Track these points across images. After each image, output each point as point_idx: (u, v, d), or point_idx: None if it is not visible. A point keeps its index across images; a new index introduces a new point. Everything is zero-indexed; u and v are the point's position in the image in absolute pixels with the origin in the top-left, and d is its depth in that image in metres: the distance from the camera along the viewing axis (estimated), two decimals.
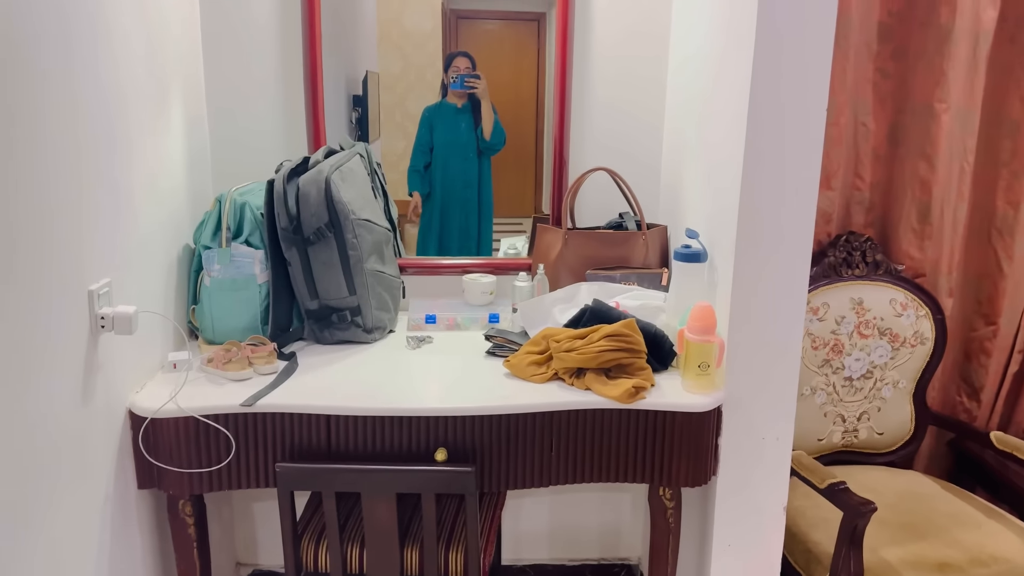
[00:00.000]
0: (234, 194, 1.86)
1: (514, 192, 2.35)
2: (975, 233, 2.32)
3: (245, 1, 2.05)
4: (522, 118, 2.28)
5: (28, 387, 1.22)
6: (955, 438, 2.42)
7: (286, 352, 1.83)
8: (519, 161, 2.32)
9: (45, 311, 1.26)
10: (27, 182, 1.20)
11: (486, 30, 2.24)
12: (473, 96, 2.21)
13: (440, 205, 2.28)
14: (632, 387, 1.61)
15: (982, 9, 2.13)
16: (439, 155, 2.25)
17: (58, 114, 1.29)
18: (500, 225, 2.34)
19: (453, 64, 2.18)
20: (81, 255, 1.38)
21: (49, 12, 1.27)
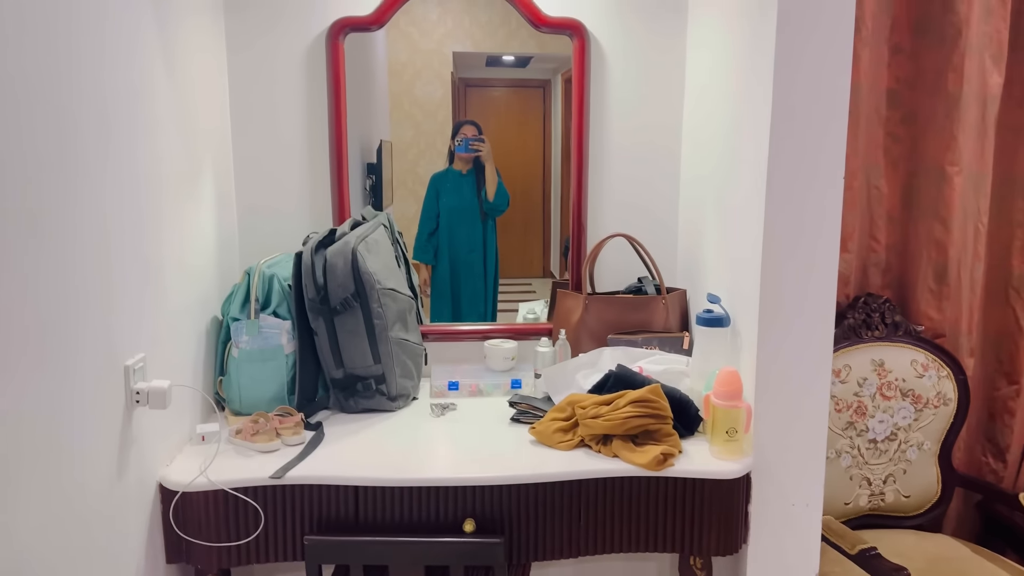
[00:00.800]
0: (263, 266, 1.90)
1: (522, 253, 2.39)
2: (992, 293, 2.33)
3: (271, 81, 2.11)
4: (529, 181, 2.34)
5: (66, 465, 1.23)
6: (983, 500, 2.39)
7: (312, 422, 1.84)
8: (527, 223, 2.37)
9: (83, 388, 1.28)
10: (65, 264, 1.23)
11: (493, 97, 2.31)
12: (478, 161, 2.26)
13: (448, 270, 2.31)
14: (660, 454, 1.61)
15: (988, 75, 2.18)
16: (445, 220, 2.29)
17: (96, 198, 1.33)
18: (509, 285, 2.37)
19: (460, 131, 2.24)
20: (118, 332, 1.40)
21: (92, 101, 1.32)
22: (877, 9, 2.16)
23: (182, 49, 1.74)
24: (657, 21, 2.19)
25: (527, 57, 2.25)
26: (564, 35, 2.15)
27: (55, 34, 1.20)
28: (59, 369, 1.21)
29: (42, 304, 1.16)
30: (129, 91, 1.46)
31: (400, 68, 2.21)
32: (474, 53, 2.23)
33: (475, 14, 2.19)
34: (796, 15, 1.56)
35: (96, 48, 1.34)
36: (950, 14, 2.15)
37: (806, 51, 1.57)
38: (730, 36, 1.85)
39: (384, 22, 2.09)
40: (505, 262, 2.35)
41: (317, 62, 2.11)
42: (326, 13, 2.09)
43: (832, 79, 1.59)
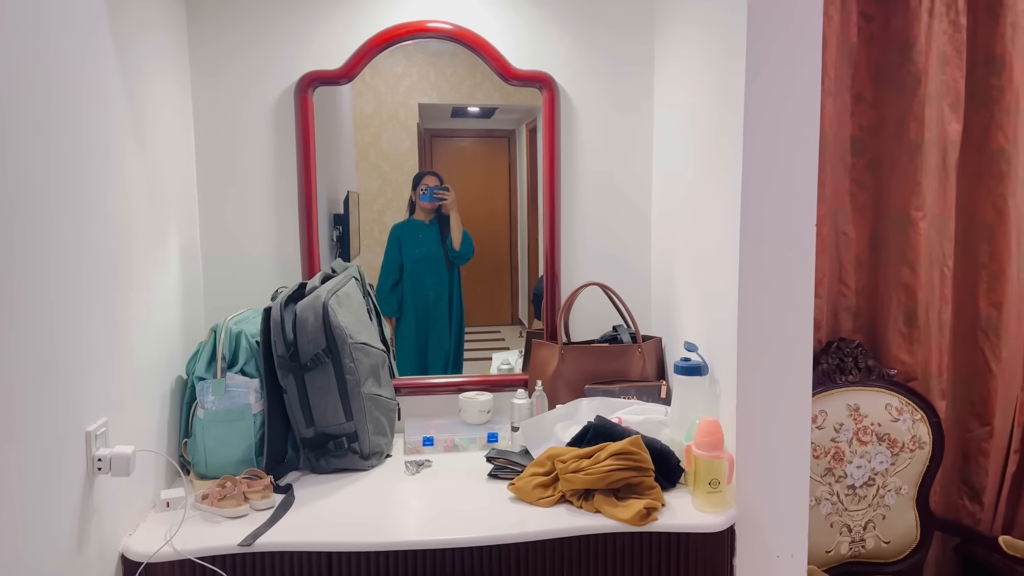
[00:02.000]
0: (229, 323, 1.85)
1: (490, 301, 2.38)
2: (961, 335, 2.36)
3: (238, 135, 2.09)
4: (496, 229, 2.33)
5: (23, 538, 1.16)
6: (961, 543, 2.38)
7: (282, 484, 1.77)
8: (495, 271, 2.35)
9: (43, 457, 1.21)
10: (32, 328, 1.18)
11: (459, 147, 2.31)
12: (439, 211, 2.24)
13: (414, 321, 2.28)
14: (644, 508, 1.57)
15: (947, 122, 2.24)
16: (409, 271, 2.26)
17: (64, 258, 1.28)
18: (477, 334, 2.34)
19: (422, 182, 2.23)
20: (79, 396, 1.34)
21: (64, 161, 1.28)
22: (839, 59, 2.21)
23: (149, 105, 1.71)
24: (625, 72, 2.22)
25: (492, 108, 2.26)
26: (533, 87, 2.16)
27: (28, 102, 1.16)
28: (14, 438, 1.14)
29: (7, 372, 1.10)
30: (97, 146, 1.42)
31: (366, 120, 2.20)
32: (439, 105, 2.23)
33: (440, 67, 2.19)
34: (763, 66, 1.58)
35: (70, 112, 1.31)
36: (909, 64, 2.21)
37: (774, 102, 1.60)
38: (698, 87, 1.87)
39: (353, 76, 2.08)
40: (473, 311, 2.33)
41: (285, 116, 2.09)
42: (294, 67, 2.07)
43: (800, 128, 1.61)
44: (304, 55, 2.08)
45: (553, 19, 2.18)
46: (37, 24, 1.22)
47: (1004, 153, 2.26)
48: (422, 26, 2.09)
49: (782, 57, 1.59)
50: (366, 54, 2.07)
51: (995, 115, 2.26)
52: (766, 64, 1.58)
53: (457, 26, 2.10)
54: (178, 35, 1.96)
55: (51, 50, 1.27)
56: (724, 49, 1.69)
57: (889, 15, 2.23)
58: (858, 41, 2.24)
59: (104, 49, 1.48)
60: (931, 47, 2.19)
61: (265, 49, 2.07)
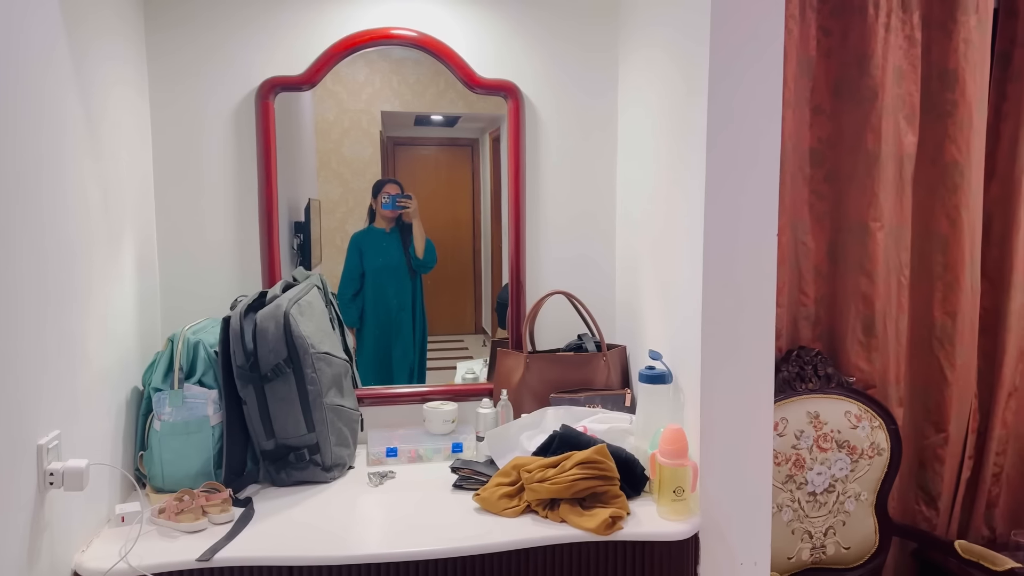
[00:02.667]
0: (187, 333, 1.80)
1: (453, 310, 2.36)
2: (917, 344, 2.41)
3: (197, 141, 2.05)
4: (459, 238, 2.32)
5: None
6: (918, 548, 2.43)
7: (241, 498, 1.73)
8: (458, 280, 2.34)
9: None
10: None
11: (422, 156, 2.29)
12: (401, 219, 2.22)
13: (375, 331, 2.25)
14: (609, 517, 1.57)
15: (903, 135, 2.29)
16: (371, 280, 2.24)
17: (14, 267, 1.24)
18: (440, 343, 2.32)
19: (384, 190, 2.21)
20: (30, 408, 1.29)
21: (15, 169, 1.24)
22: (798, 72, 2.24)
23: (106, 114, 1.67)
24: (589, 81, 2.23)
25: (455, 117, 2.26)
26: (498, 96, 2.16)
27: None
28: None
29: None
30: (53, 156, 1.38)
31: (328, 127, 2.18)
32: (402, 113, 2.22)
33: (403, 74, 2.18)
34: (725, 78, 1.60)
35: (28, 115, 1.28)
36: (866, 77, 2.25)
37: (736, 112, 1.61)
38: (661, 103, 1.88)
39: (316, 82, 2.06)
40: (436, 320, 2.31)
41: (246, 122, 2.06)
42: (256, 73, 2.04)
43: (761, 143, 1.63)
44: (266, 61, 2.05)
45: (519, 31, 2.18)
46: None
47: (958, 166, 2.31)
48: (386, 33, 2.07)
49: (743, 69, 1.61)
50: (329, 60, 2.05)
51: (949, 128, 2.32)
52: (728, 80, 1.60)
53: (422, 33, 2.09)
54: (136, 44, 1.92)
55: (4, 58, 1.23)
56: (685, 67, 1.71)
57: (847, 29, 2.27)
58: (817, 55, 2.28)
59: (60, 59, 1.44)
60: (887, 61, 2.24)
61: (226, 55, 2.03)
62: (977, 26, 2.27)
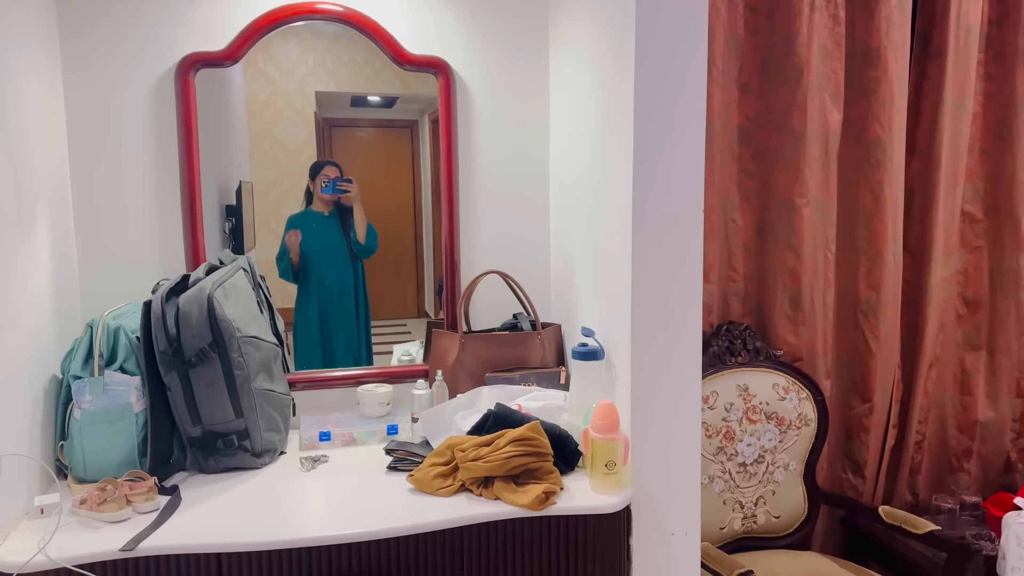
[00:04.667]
0: (107, 318, 1.74)
1: (395, 294, 2.33)
2: (843, 317, 2.48)
3: (115, 120, 1.97)
4: (400, 221, 2.29)
5: None
6: (846, 515, 2.51)
7: (167, 486, 1.69)
8: (399, 263, 2.31)
9: None
10: None
11: (360, 138, 2.25)
12: (339, 202, 2.19)
13: (317, 314, 2.21)
14: (543, 493, 1.57)
15: (828, 113, 2.34)
16: (312, 264, 2.20)
17: None
18: (382, 327, 2.30)
19: (322, 172, 2.16)
20: None
21: None
22: (726, 51, 2.27)
23: (11, 90, 1.59)
24: (520, 59, 2.21)
25: (393, 98, 2.22)
26: (428, 73, 2.13)
27: None
28: None
29: None
30: None
31: (260, 108, 2.12)
32: (338, 93, 2.17)
33: (338, 54, 2.13)
34: (651, 60, 1.61)
35: None
36: (792, 56, 2.29)
37: (662, 94, 1.62)
38: (590, 76, 1.88)
39: (238, 58, 2.00)
40: (378, 304, 2.28)
41: (166, 100, 1.99)
42: (175, 48, 1.97)
43: (688, 118, 1.64)
44: (184, 37, 1.98)
45: (450, 6, 2.15)
46: None
47: (880, 143, 2.37)
48: (311, 7, 2.02)
49: (669, 49, 1.61)
50: (252, 35, 1.99)
51: (872, 106, 2.38)
52: (654, 60, 1.61)
53: (348, 8, 2.05)
54: (47, 22, 1.83)
55: None
56: (613, 45, 1.71)
57: (773, 8, 2.31)
58: (744, 33, 2.31)
59: None
60: (812, 39, 2.28)
61: (142, 31, 1.96)
62: (898, 5, 2.33)
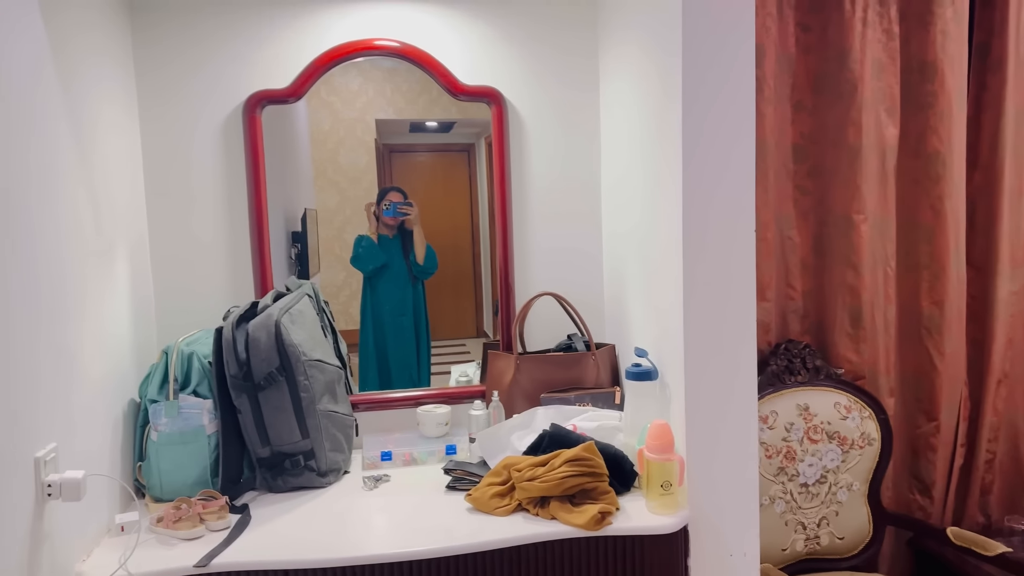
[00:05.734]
0: (181, 344, 1.84)
1: (454, 315, 2.38)
2: (906, 334, 2.44)
3: (187, 156, 2.08)
4: (458, 243, 2.34)
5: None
6: (913, 537, 2.45)
7: (238, 505, 1.77)
8: (457, 285, 2.36)
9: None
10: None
11: (418, 162, 2.32)
12: (403, 226, 2.25)
13: (375, 334, 2.28)
14: (598, 513, 1.60)
15: (884, 128, 2.32)
16: (374, 285, 2.27)
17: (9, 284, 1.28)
18: (441, 347, 2.35)
19: (386, 198, 2.24)
20: (25, 422, 1.33)
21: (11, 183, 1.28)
22: (778, 69, 2.27)
23: (93, 127, 1.71)
24: (571, 86, 2.26)
25: (450, 123, 2.28)
26: (482, 102, 2.19)
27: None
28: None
29: None
30: (43, 173, 1.42)
31: (323, 137, 2.21)
32: (397, 120, 2.25)
33: (396, 82, 2.21)
34: (699, 84, 1.63)
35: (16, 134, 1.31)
36: (845, 72, 2.28)
37: (710, 113, 1.64)
38: (638, 101, 1.91)
39: (301, 94, 2.10)
40: (438, 324, 2.34)
41: (234, 135, 2.09)
42: (242, 87, 2.08)
43: (737, 138, 1.66)
44: (252, 75, 2.09)
45: (502, 37, 2.21)
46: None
47: (940, 156, 2.34)
48: (369, 44, 2.11)
49: (716, 76, 1.64)
50: (314, 72, 2.09)
51: (930, 119, 2.34)
52: (701, 81, 1.63)
53: (404, 43, 2.13)
54: (124, 62, 1.96)
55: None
56: (660, 68, 1.74)
57: (825, 25, 2.30)
58: (796, 51, 2.31)
59: (47, 80, 1.48)
60: (865, 55, 2.27)
61: (213, 70, 2.07)
62: (954, 18, 2.30)
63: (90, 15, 1.74)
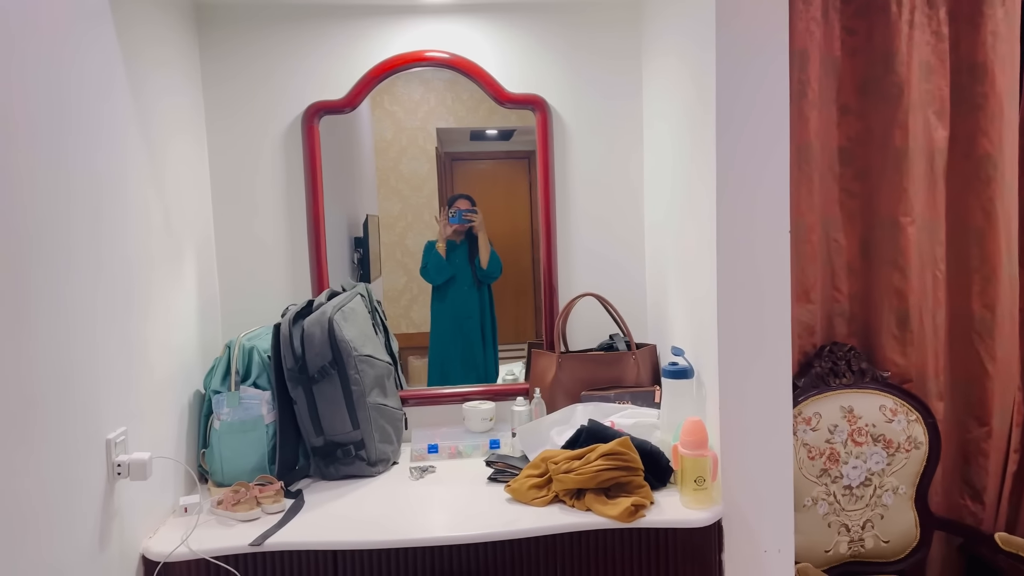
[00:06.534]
0: (242, 339, 1.97)
1: (515, 319, 2.45)
2: (957, 337, 2.41)
3: (250, 163, 2.23)
4: (519, 249, 2.41)
5: (51, 535, 1.27)
6: (965, 543, 2.41)
7: (293, 490, 1.88)
8: (518, 290, 2.43)
9: (66, 462, 1.33)
10: (50, 343, 1.30)
11: (479, 170, 2.39)
12: (469, 231, 2.35)
13: (443, 336, 2.38)
14: (632, 505, 1.65)
15: (933, 130, 2.30)
16: (443, 288, 2.37)
17: (81, 279, 1.41)
18: (505, 352, 2.43)
19: (455, 204, 2.33)
20: (98, 407, 1.46)
21: (82, 189, 1.41)
22: (822, 73, 2.29)
23: (164, 137, 1.85)
24: (613, 89, 2.32)
25: (510, 130, 2.35)
26: (527, 109, 2.27)
27: (51, 130, 1.29)
28: (42, 443, 1.26)
29: (26, 381, 1.22)
30: (115, 179, 1.56)
31: (385, 145, 2.31)
32: (457, 128, 2.33)
33: (457, 92, 2.30)
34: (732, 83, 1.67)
35: (89, 142, 1.44)
36: (891, 75, 2.28)
37: (743, 117, 1.68)
38: (676, 101, 1.96)
39: (356, 105, 2.21)
40: (500, 328, 2.43)
41: (294, 144, 2.22)
42: (301, 98, 2.21)
43: (771, 142, 1.69)
44: (310, 87, 2.21)
45: (545, 45, 2.29)
46: (59, 67, 1.36)
47: (991, 158, 2.31)
48: (420, 56, 2.21)
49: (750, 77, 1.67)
50: (368, 84, 2.20)
51: (980, 121, 2.32)
52: (734, 85, 1.67)
53: (453, 54, 2.22)
54: (192, 76, 2.11)
55: (71, 91, 1.40)
56: (696, 73, 1.78)
57: (871, 28, 2.30)
58: (842, 54, 2.32)
59: (120, 90, 1.62)
60: (912, 57, 2.26)
61: (274, 83, 2.21)
62: (1004, 18, 2.27)
63: (160, 31, 1.88)
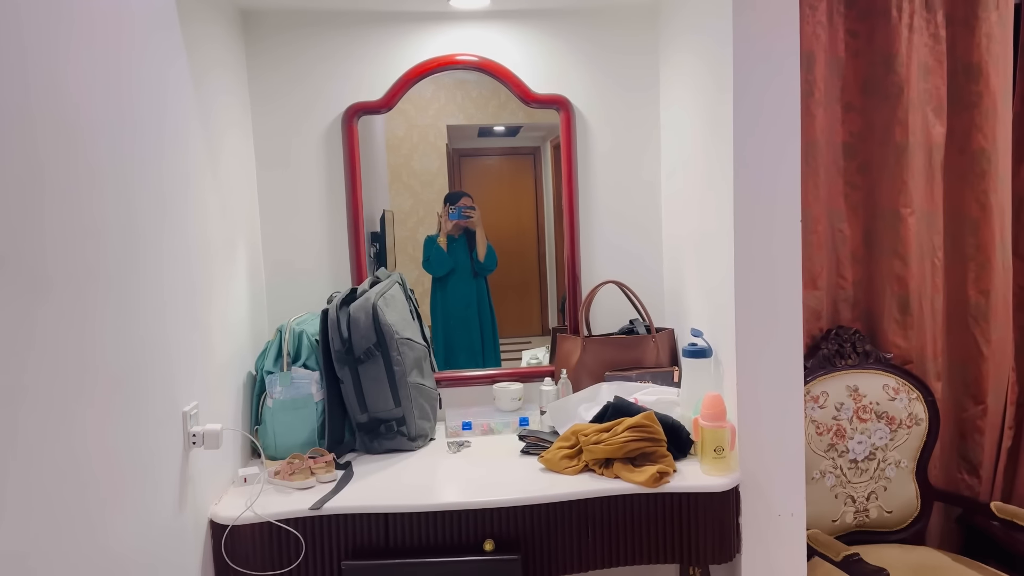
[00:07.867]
0: (292, 324, 2.12)
1: (519, 313, 2.57)
2: (954, 321, 2.56)
3: (294, 161, 2.38)
4: (524, 243, 2.53)
5: (141, 496, 1.43)
6: (963, 513, 2.57)
7: (341, 462, 2.03)
8: (524, 283, 2.55)
9: (150, 431, 1.48)
10: (134, 323, 1.45)
11: (487, 166, 2.51)
12: (468, 226, 2.49)
13: (444, 326, 2.52)
14: (657, 472, 1.80)
15: (931, 126, 2.46)
16: (440, 280, 2.51)
17: (156, 267, 1.55)
18: (509, 344, 2.55)
19: (456, 202, 2.46)
20: (177, 382, 1.61)
21: (151, 186, 1.56)
22: (827, 72, 2.44)
23: (219, 131, 2.00)
24: (633, 92, 2.47)
25: (517, 127, 2.49)
26: (551, 109, 2.42)
27: (122, 133, 1.44)
28: (131, 414, 1.41)
29: (117, 355, 1.37)
30: (181, 176, 1.71)
31: (398, 143, 2.43)
32: (467, 126, 2.44)
33: (467, 90, 2.42)
34: (749, 78, 1.83)
35: (155, 144, 1.59)
36: (892, 75, 2.43)
37: (759, 112, 1.83)
38: (695, 101, 2.11)
39: (392, 105, 2.36)
40: (504, 322, 2.54)
41: (334, 143, 2.37)
42: (341, 99, 2.36)
43: (784, 137, 1.84)
44: (349, 89, 2.36)
45: (568, 47, 2.44)
46: (129, 73, 1.51)
47: (985, 153, 2.46)
48: (452, 59, 2.36)
49: (766, 73, 1.83)
50: (403, 85, 2.35)
51: (975, 118, 2.47)
52: (751, 81, 1.83)
53: (482, 58, 2.37)
54: (239, 73, 2.26)
55: (143, 87, 1.55)
56: (714, 69, 1.94)
57: (873, 31, 2.45)
58: (845, 55, 2.47)
59: (184, 85, 1.76)
60: (912, 58, 2.42)
61: (315, 84, 2.35)
62: (998, 21, 2.42)
63: (212, 29, 2.02)
